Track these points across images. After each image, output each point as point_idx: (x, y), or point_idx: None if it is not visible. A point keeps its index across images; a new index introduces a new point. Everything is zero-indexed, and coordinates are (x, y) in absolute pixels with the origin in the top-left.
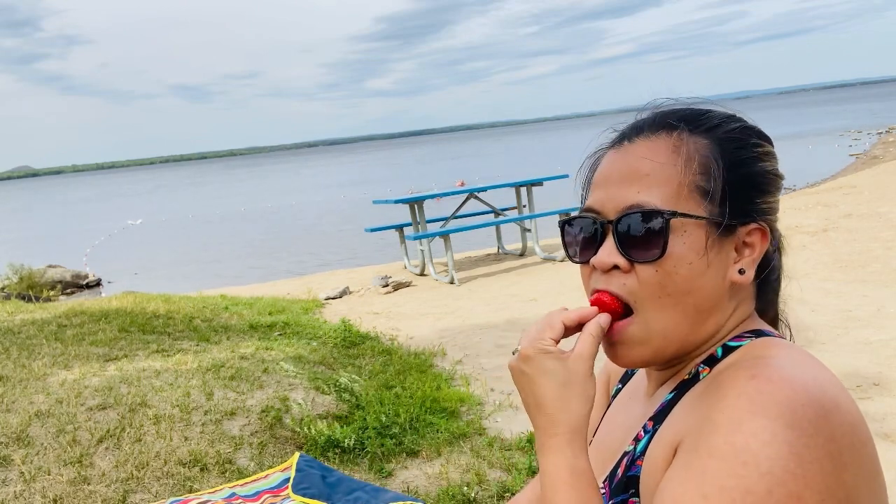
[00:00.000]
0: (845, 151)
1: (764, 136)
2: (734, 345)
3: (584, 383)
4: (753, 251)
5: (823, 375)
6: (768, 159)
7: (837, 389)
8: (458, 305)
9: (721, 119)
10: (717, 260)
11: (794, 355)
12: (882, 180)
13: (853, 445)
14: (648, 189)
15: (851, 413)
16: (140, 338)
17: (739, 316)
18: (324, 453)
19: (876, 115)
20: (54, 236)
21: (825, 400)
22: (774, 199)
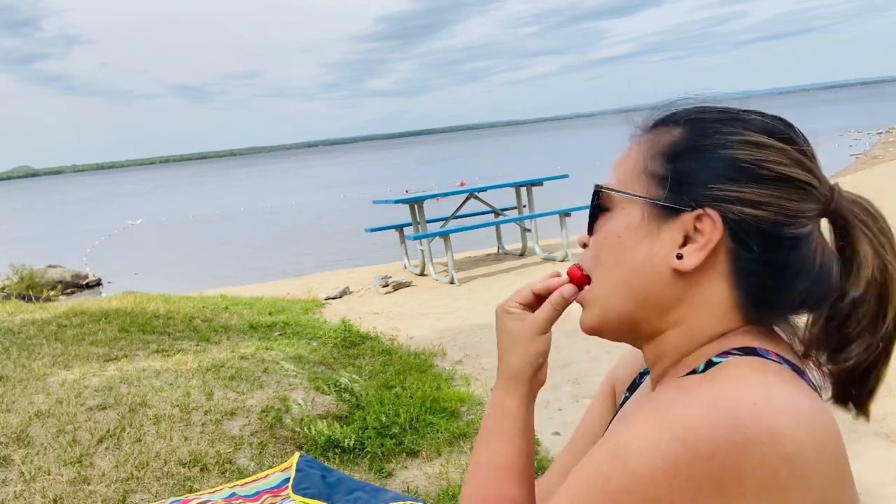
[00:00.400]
0: (845, 151)
1: (760, 127)
2: (717, 360)
3: (528, 341)
4: (699, 241)
5: (773, 403)
6: (743, 148)
7: (784, 419)
8: (458, 305)
9: (707, 109)
10: (654, 240)
11: (758, 378)
12: (882, 180)
13: (775, 478)
14: (614, 175)
15: (793, 444)
16: (140, 338)
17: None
18: (324, 453)
19: (876, 115)
20: (54, 236)
21: (749, 427)
22: (743, 190)
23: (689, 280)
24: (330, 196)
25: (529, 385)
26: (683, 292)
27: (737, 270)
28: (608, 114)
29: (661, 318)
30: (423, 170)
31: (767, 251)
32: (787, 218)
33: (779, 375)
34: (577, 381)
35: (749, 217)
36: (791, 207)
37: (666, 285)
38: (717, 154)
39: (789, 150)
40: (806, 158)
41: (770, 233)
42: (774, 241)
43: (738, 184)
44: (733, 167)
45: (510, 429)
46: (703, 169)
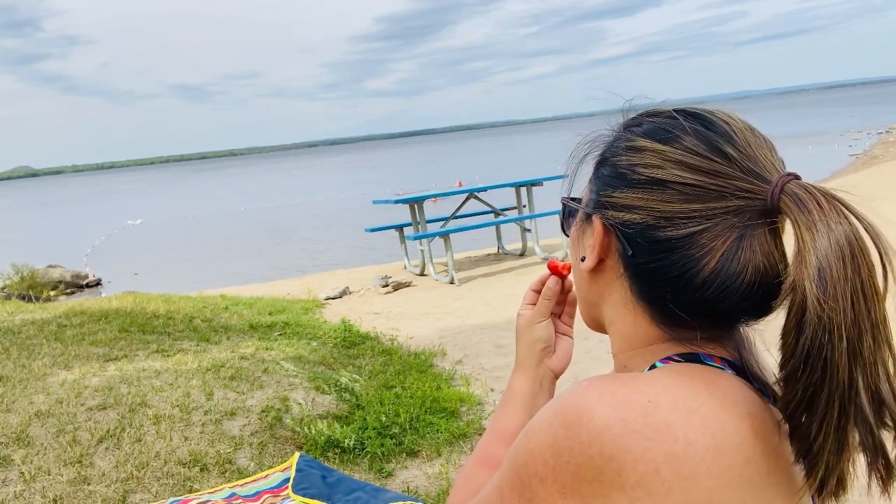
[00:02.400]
0: (845, 151)
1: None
2: (659, 365)
3: (527, 330)
4: (593, 242)
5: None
6: (625, 153)
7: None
8: (458, 305)
9: (628, 119)
10: (579, 243)
11: (672, 379)
12: (882, 180)
13: (656, 472)
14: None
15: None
16: (140, 338)
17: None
18: (324, 453)
19: (876, 115)
20: (54, 236)
21: (638, 420)
22: (619, 196)
23: (598, 281)
24: (330, 196)
25: (535, 369)
26: (601, 292)
27: (628, 271)
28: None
29: (599, 313)
30: (423, 170)
31: (648, 255)
32: (660, 220)
33: (702, 379)
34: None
35: (622, 221)
36: (665, 210)
37: (589, 286)
38: (609, 162)
39: (667, 150)
40: (703, 158)
41: (645, 236)
42: (653, 245)
43: (616, 189)
44: (614, 174)
45: (515, 403)
46: (597, 177)
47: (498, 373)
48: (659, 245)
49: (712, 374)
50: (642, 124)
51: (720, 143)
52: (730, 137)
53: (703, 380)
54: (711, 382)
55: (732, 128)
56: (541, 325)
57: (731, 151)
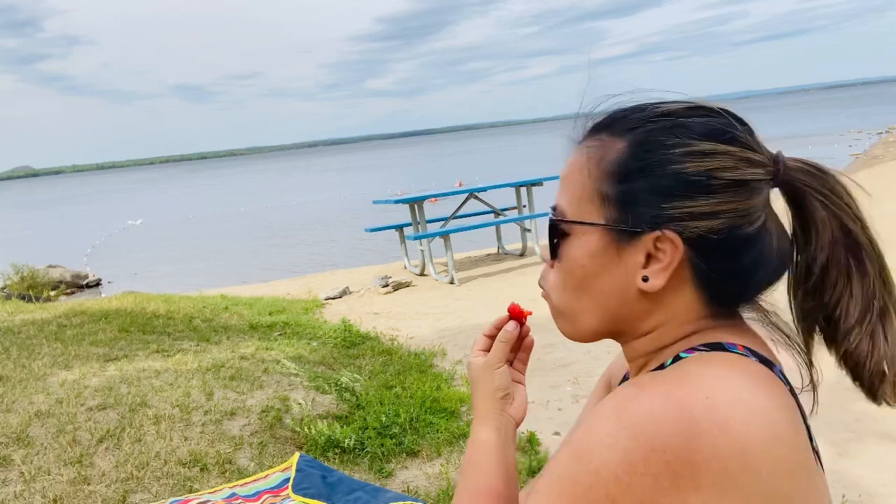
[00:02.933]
0: (845, 151)
1: (701, 132)
2: (684, 356)
3: (485, 378)
4: (662, 261)
5: (727, 395)
6: (690, 159)
7: (737, 411)
8: (458, 305)
9: (646, 119)
10: (617, 265)
11: (715, 372)
12: (882, 180)
13: (724, 469)
14: (563, 193)
15: (745, 436)
16: (140, 338)
17: (679, 327)
18: (324, 453)
19: (876, 115)
20: (54, 236)
21: (702, 419)
22: (696, 204)
23: (655, 296)
24: (330, 196)
25: (498, 419)
26: (652, 307)
27: (700, 278)
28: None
29: (633, 330)
30: (423, 170)
31: (728, 255)
32: (742, 219)
33: (739, 368)
34: (577, 381)
35: (706, 229)
36: (744, 207)
37: (634, 304)
38: (666, 171)
39: (734, 150)
40: (749, 149)
41: (729, 237)
42: (734, 244)
43: (691, 199)
44: (684, 183)
45: (485, 457)
46: (654, 188)
47: None
48: (740, 242)
49: (743, 362)
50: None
51: (752, 135)
52: (750, 127)
53: (742, 369)
54: (749, 371)
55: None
56: (499, 371)
57: (757, 140)
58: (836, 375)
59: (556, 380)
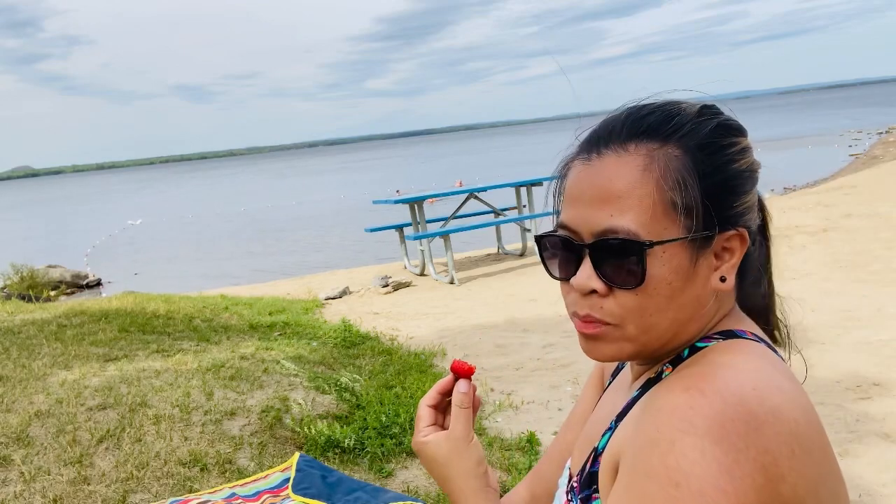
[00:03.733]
0: (845, 151)
1: (737, 129)
2: (701, 345)
3: (460, 457)
4: (733, 256)
5: (768, 383)
6: (743, 157)
7: (782, 397)
8: (458, 305)
9: (693, 122)
10: (695, 273)
11: (745, 361)
12: (882, 180)
13: (793, 454)
14: (622, 213)
15: (794, 421)
16: (140, 338)
17: (717, 317)
18: (324, 453)
19: (876, 115)
20: (54, 236)
21: (760, 410)
22: (751, 197)
23: (721, 294)
24: (330, 196)
25: (486, 499)
26: (721, 302)
27: (742, 267)
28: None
29: (701, 327)
30: (424, 170)
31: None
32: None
33: (758, 355)
34: (577, 381)
35: (756, 218)
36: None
37: (705, 307)
38: (730, 170)
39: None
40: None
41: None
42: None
43: (747, 194)
44: (743, 179)
45: None
46: (725, 189)
47: (498, 373)
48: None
49: (760, 349)
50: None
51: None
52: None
53: (763, 357)
54: (769, 358)
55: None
56: (474, 443)
57: None
58: (836, 376)
59: (556, 380)
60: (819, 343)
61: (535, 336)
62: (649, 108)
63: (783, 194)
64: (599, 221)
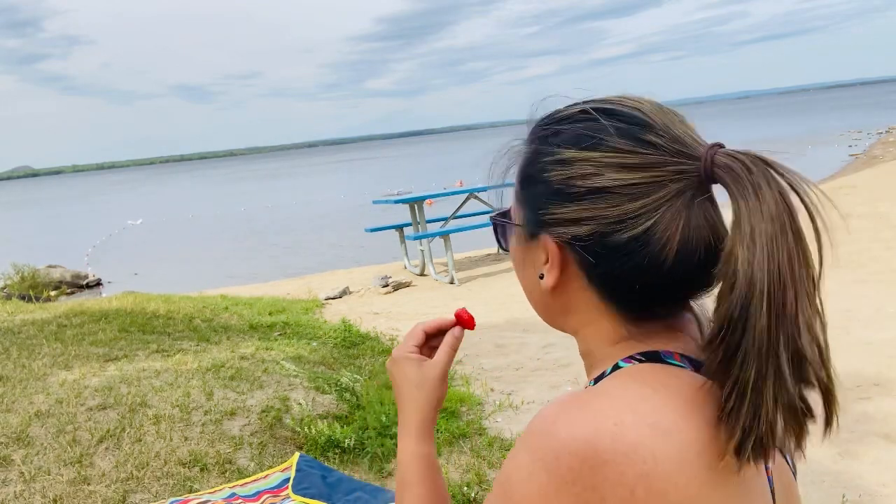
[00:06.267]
0: (845, 151)
1: (568, 139)
2: (622, 365)
3: (434, 387)
4: (549, 260)
5: (640, 419)
6: (555, 168)
7: (646, 436)
8: (458, 305)
9: (546, 126)
10: (530, 260)
11: (631, 391)
12: (882, 180)
13: (632, 497)
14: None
15: (651, 461)
16: (140, 338)
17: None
18: (324, 453)
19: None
20: (55, 236)
21: (608, 448)
22: (562, 211)
23: (560, 295)
24: (330, 196)
25: (433, 431)
26: (565, 303)
27: (594, 281)
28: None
29: (564, 323)
30: (423, 170)
31: (607, 259)
32: (613, 225)
33: (663, 383)
34: (577, 381)
35: (572, 235)
36: (613, 215)
37: (550, 299)
38: (541, 178)
39: (597, 157)
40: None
41: (602, 244)
42: (611, 250)
43: (557, 206)
44: (549, 191)
45: (432, 475)
46: (534, 195)
47: (498, 373)
48: (619, 249)
49: (672, 376)
50: (560, 133)
51: (643, 133)
52: (648, 124)
53: (663, 386)
54: (670, 388)
55: (646, 113)
56: (445, 382)
57: (654, 139)
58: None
59: (556, 380)
60: None
61: (534, 336)
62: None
63: None
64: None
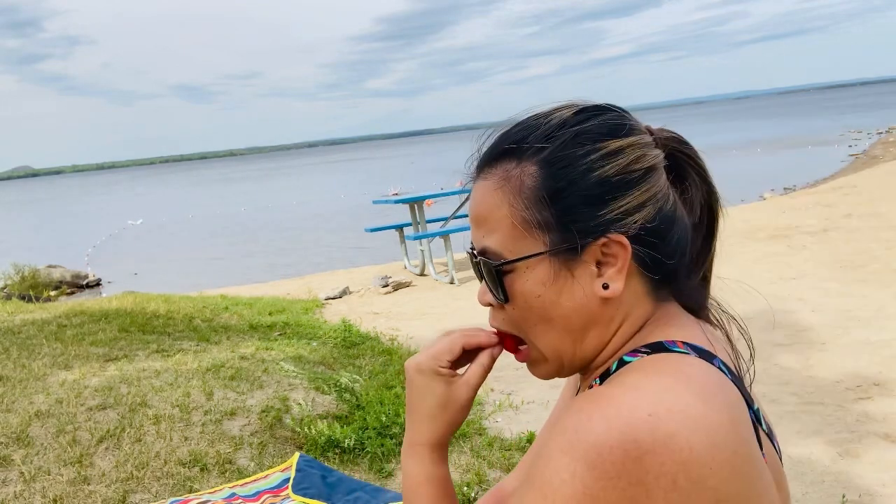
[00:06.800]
0: (845, 151)
1: (601, 134)
2: (628, 360)
3: (459, 409)
4: (615, 263)
5: (670, 407)
6: (606, 162)
7: (681, 423)
8: (458, 305)
9: (549, 135)
10: (573, 282)
11: (654, 382)
12: (882, 180)
13: (674, 486)
14: (490, 234)
15: (688, 449)
16: (140, 338)
17: (632, 324)
18: (324, 453)
19: (876, 115)
20: (55, 236)
21: (647, 439)
22: (627, 201)
23: (616, 299)
24: (330, 196)
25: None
26: (613, 311)
27: (645, 266)
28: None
29: (607, 335)
30: (424, 170)
31: (662, 237)
32: (662, 200)
33: (679, 373)
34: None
35: (642, 220)
36: (660, 190)
37: (601, 312)
38: (589, 179)
39: (636, 140)
40: (643, 134)
41: (660, 221)
42: (665, 225)
43: (620, 199)
44: (608, 186)
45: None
46: (585, 200)
47: (498, 373)
48: (669, 223)
49: (682, 363)
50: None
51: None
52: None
53: (679, 374)
54: (686, 375)
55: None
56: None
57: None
58: (836, 376)
59: (555, 381)
60: (819, 343)
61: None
62: (516, 126)
63: (783, 194)
64: (478, 241)
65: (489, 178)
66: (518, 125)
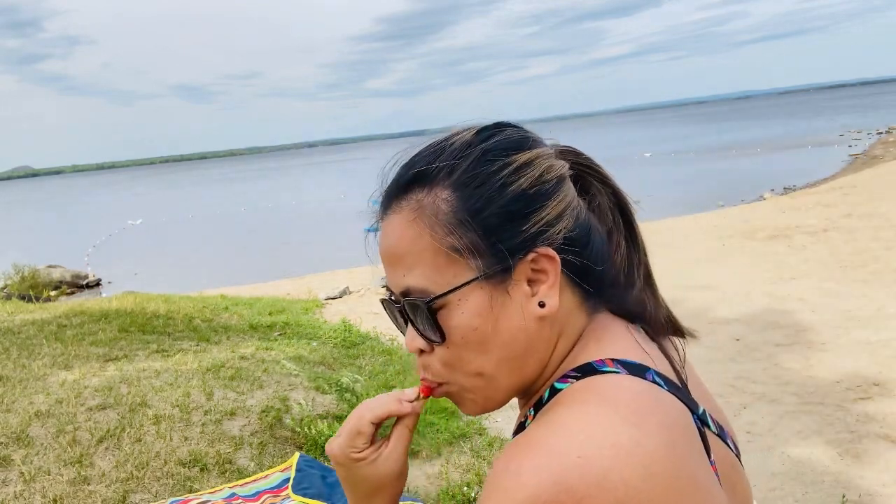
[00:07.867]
0: (845, 151)
1: (507, 149)
2: (560, 386)
3: (393, 482)
4: (546, 279)
5: (600, 443)
6: (519, 176)
7: (612, 459)
8: None
9: (456, 157)
10: (507, 306)
11: (580, 417)
12: (882, 180)
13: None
14: (410, 270)
15: (622, 485)
16: (140, 338)
17: (568, 340)
18: (324, 453)
19: (876, 115)
20: (55, 236)
21: (580, 485)
22: (547, 212)
23: (555, 315)
24: (330, 196)
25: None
26: (551, 326)
27: (576, 275)
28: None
29: (546, 356)
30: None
31: (584, 244)
32: (577, 208)
33: (607, 399)
34: None
35: (563, 230)
36: (573, 197)
37: (539, 334)
38: (507, 195)
39: (542, 151)
40: (544, 146)
41: (579, 229)
42: (583, 232)
43: (540, 211)
44: (527, 199)
45: None
46: (506, 217)
47: None
48: (584, 231)
49: (611, 386)
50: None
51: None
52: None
53: (608, 401)
54: (615, 401)
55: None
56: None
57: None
58: (836, 376)
59: None
60: (819, 343)
61: None
62: (419, 153)
63: (783, 194)
64: (398, 282)
65: (400, 211)
66: (419, 152)
